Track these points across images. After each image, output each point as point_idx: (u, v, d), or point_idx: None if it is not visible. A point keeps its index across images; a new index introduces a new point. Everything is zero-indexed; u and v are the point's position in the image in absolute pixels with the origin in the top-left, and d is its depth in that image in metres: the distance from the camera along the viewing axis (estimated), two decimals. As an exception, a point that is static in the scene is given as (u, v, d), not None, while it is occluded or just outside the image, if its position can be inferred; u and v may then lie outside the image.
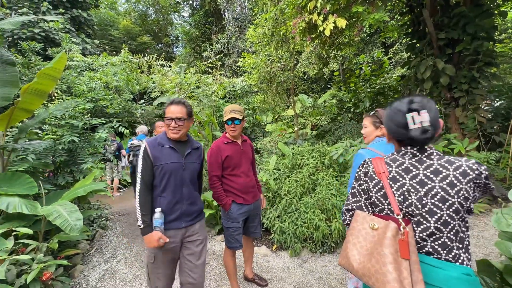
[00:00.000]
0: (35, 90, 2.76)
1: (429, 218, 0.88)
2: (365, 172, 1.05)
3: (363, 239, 0.95)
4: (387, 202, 0.96)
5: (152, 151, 1.59)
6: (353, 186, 1.09)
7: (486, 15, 4.01)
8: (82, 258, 2.89)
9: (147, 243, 1.52)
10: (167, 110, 1.62)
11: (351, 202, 1.08)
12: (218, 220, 3.47)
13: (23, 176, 2.40)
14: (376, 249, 0.89)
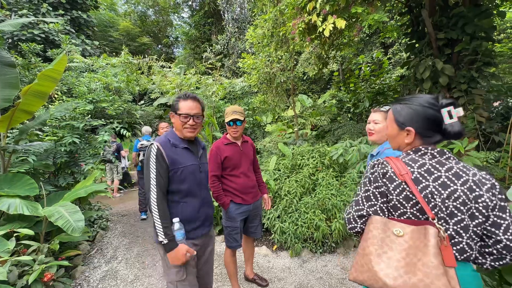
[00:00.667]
0: (36, 91, 2.77)
1: (449, 220, 0.85)
2: (383, 173, 0.94)
3: (390, 248, 0.83)
4: (409, 205, 0.88)
5: (167, 152, 1.38)
6: (366, 189, 0.97)
7: (484, 15, 4.03)
8: (83, 259, 2.90)
9: (174, 260, 1.30)
10: (183, 105, 1.44)
11: (365, 207, 0.95)
12: (219, 221, 3.47)
13: (24, 177, 2.41)
14: (417, 260, 0.78)
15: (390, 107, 1.55)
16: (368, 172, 1.00)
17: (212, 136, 4.05)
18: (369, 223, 0.92)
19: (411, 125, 0.95)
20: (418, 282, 0.75)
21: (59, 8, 12.15)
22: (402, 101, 1.04)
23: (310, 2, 3.54)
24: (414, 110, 0.96)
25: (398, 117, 1.00)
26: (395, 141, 1.03)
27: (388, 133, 1.06)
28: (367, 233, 0.90)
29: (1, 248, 1.56)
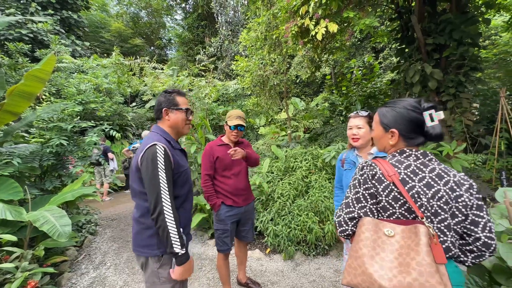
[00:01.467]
0: (22, 92, 2.68)
1: (434, 219, 0.87)
2: (372, 174, 0.95)
3: (382, 249, 0.84)
4: (398, 205, 0.90)
5: (172, 154, 1.26)
6: (356, 191, 0.97)
7: (471, 22, 4.16)
8: (70, 265, 2.80)
9: (184, 274, 1.19)
10: (182, 101, 1.35)
11: (356, 208, 0.95)
12: (211, 224, 3.43)
13: (8, 180, 2.32)
14: (410, 259, 0.79)
15: (369, 112, 1.58)
16: (357, 174, 1.00)
17: (204, 139, 4.01)
18: (360, 225, 0.92)
19: (395, 127, 0.98)
20: (413, 281, 0.75)
21: (48, 7, 11.91)
22: (387, 104, 1.06)
23: (303, 6, 3.58)
24: (398, 113, 0.99)
25: (383, 119, 1.03)
26: (380, 143, 1.06)
27: (374, 135, 1.09)
28: (358, 235, 0.90)
29: None
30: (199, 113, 4.37)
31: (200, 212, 3.39)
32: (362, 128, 1.58)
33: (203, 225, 3.51)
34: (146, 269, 1.25)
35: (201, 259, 2.85)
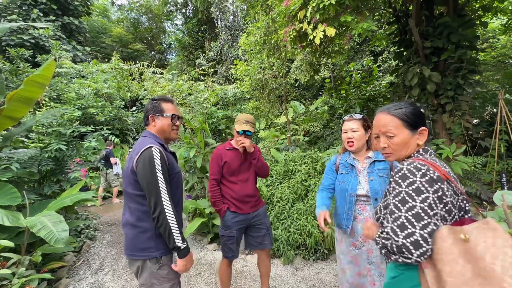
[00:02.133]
0: (22, 97, 2.69)
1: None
2: (437, 175, 0.84)
3: (474, 260, 0.72)
4: (457, 206, 0.86)
5: (167, 156, 1.32)
6: (424, 197, 0.80)
7: (468, 25, 4.19)
8: (68, 271, 2.78)
9: (184, 268, 1.24)
10: (168, 107, 1.39)
11: (432, 220, 0.78)
12: (210, 229, 3.41)
13: (6, 186, 2.31)
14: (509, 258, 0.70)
15: (363, 114, 1.58)
16: (413, 178, 0.84)
17: (204, 143, 4.02)
18: (442, 237, 0.75)
19: (423, 126, 0.96)
20: None
21: (50, 14, 12.05)
22: (393, 108, 1.00)
23: (301, 11, 3.61)
24: (418, 111, 0.97)
25: (409, 119, 0.95)
26: (407, 148, 0.96)
27: (399, 140, 0.96)
28: (449, 250, 0.73)
29: None
30: (198, 117, 4.38)
31: (199, 217, 3.37)
32: (357, 131, 1.57)
33: (202, 230, 3.49)
34: (142, 272, 1.25)
35: (200, 264, 2.83)
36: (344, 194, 1.57)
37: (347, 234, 1.57)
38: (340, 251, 1.64)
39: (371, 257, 1.51)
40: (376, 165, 1.54)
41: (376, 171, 1.52)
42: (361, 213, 1.54)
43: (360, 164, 1.60)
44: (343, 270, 1.61)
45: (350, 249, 1.57)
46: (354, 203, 1.54)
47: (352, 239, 1.56)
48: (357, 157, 1.62)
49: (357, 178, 1.55)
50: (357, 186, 1.53)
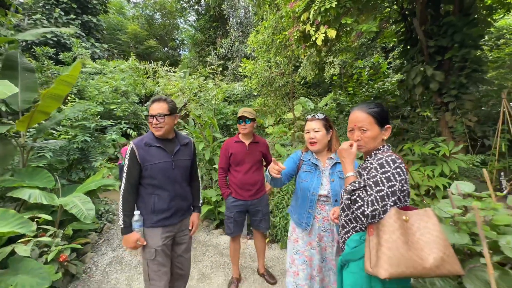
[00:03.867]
0: (53, 94, 3.07)
1: None
2: (404, 167, 1.05)
3: (409, 235, 0.94)
4: (407, 194, 1.08)
5: (139, 151, 1.56)
6: (391, 185, 1.00)
7: (472, 25, 4.22)
8: (92, 247, 3.18)
9: (124, 243, 1.55)
10: (150, 108, 1.62)
11: (389, 201, 0.99)
12: (216, 216, 3.72)
13: (42, 171, 2.70)
14: (435, 238, 0.91)
15: (325, 115, 1.65)
16: (390, 167, 1.03)
17: (212, 137, 4.32)
18: (389, 215, 0.97)
19: (388, 123, 1.17)
20: (443, 255, 0.87)
21: (70, 12, 12.63)
22: (368, 107, 1.19)
23: (305, 13, 3.79)
24: (385, 110, 1.16)
25: (378, 116, 1.14)
26: (375, 141, 1.15)
27: (371, 135, 1.14)
28: (390, 224, 0.95)
29: (27, 229, 1.84)
30: (208, 113, 4.67)
31: (206, 205, 3.69)
32: (319, 131, 1.57)
33: (209, 217, 3.82)
34: None
35: (206, 246, 3.15)
36: (306, 193, 1.59)
37: (306, 232, 1.60)
38: (295, 250, 1.65)
39: (324, 254, 1.59)
40: (338, 166, 1.57)
41: (337, 173, 1.56)
42: (320, 212, 1.58)
43: (322, 164, 1.62)
44: (296, 273, 1.62)
45: (306, 247, 1.61)
46: (315, 203, 1.56)
47: (309, 239, 1.61)
48: (319, 157, 1.63)
49: (320, 178, 1.58)
50: (319, 187, 1.56)
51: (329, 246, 1.58)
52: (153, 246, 1.59)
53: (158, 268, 1.61)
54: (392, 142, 5.65)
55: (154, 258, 1.59)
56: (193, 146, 1.85)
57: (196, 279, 2.50)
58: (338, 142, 1.66)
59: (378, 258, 0.92)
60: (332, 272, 1.58)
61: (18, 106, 3.19)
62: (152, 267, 1.60)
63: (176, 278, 1.77)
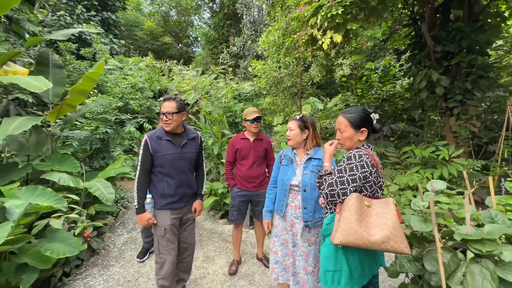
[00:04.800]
0: (79, 90, 3.40)
1: None
2: (369, 161, 1.25)
3: (365, 216, 1.14)
4: (378, 186, 1.28)
5: (151, 143, 1.80)
6: (353, 173, 1.22)
7: (480, 31, 4.25)
8: (109, 228, 3.52)
9: (138, 221, 1.83)
10: (161, 105, 1.82)
11: (349, 186, 1.20)
12: (222, 207, 3.99)
13: (69, 158, 3.05)
14: (387, 220, 1.12)
15: (302, 116, 1.82)
16: (353, 160, 1.25)
17: (221, 133, 4.58)
18: (350, 198, 1.18)
19: (364, 127, 1.36)
20: (390, 234, 1.10)
21: (91, 9, 13.17)
22: (347, 112, 1.43)
23: (313, 18, 3.97)
24: (362, 116, 1.37)
25: (354, 122, 1.36)
26: (351, 141, 1.37)
27: (346, 135, 1.37)
28: (349, 206, 1.16)
29: (61, 205, 2.15)
30: (218, 110, 4.94)
31: (213, 196, 3.97)
32: (293, 130, 1.79)
33: (215, 207, 4.09)
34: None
35: (212, 233, 3.43)
36: (282, 183, 1.82)
37: (282, 218, 1.83)
38: (276, 234, 1.89)
39: (295, 240, 1.78)
40: (312, 161, 1.76)
41: (310, 166, 1.75)
42: (293, 201, 1.77)
43: (299, 158, 1.82)
44: (276, 252, 1.87)
45: (283, 232, 1.84)
46: (288, 191, 1.78)
47: (285, 224, 1.83)
48: (297, 152, 1.85)
49: (294, 170, 1.79)
50: (292, 177, 1.77)
51: (299, 232, 1.75)
52: (162, 225, 1.85)
53: (167, 244, 1.86)
54: (397, 144, 5.74)
55: (163, 235, 1.85)
56: (200, 140, 2.07)
57: (201, 260, 2.77)
58: (318, 140, 1.86)
59: (336, 229, 1.16)
60: (302, 259, 1.75)
61: (49, 99, 3.55)
62: (162, 243, 1.86)
63: (183, 251, 2.04)
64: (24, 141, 2.96)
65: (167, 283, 1.87)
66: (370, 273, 1.29)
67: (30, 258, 1.87)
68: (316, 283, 1.71)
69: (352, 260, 1.23)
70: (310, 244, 1.74)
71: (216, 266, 2.67)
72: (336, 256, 1.24)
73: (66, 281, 2.35)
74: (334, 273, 1.25)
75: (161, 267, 1.85)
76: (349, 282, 1.22)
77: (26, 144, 2.94)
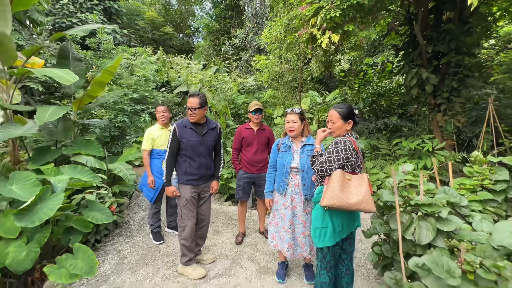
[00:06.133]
0: (99, 81, 3.73)
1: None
2: (351, 146, 1.62)
3: (345, 186, 1.53)
4: (357, 164, 1.66)
5: (178, 130, 2.20)
6: (338, 154, 1.60)
7: (469, 33, 4.59)
8: (126, 207, 3.93)
9: (167, 192, 2.27)
10: (188, 101, 2.18)
11: (335, 164, 1.59)
12: (227, 190, 4.41)
13: (94, 143, 3.42)
14: (361, 190, 1.52)
15: (301, 109, 2.22)
16: (339, 145, 1.63)
17: (225, 124, 4.95)
18: (335, 173, 1.57)
19: (352, 119, 1.75)
20: (363, 198, 1.49)
21: (94, -2, 13.18)
22: (338, 107, 1.82)
23: (313, 18, 4.27)
24: (349, 111, 1.76)
25: (343, 115, 1.74)
26: (340, 130, 1.74)
27: (336, 125, 1.74)
28: (334, 179, 1.55)
29: (97, 180, 2.55)
30: (222, 102, 5.29)
31: (218, 180, 4.38)
32: (296, 122, 2.10)
33: (220, 191, 4.51)
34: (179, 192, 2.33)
35: (218, 213, 3.86)
36: (282, 167, 2.15)
37: (282, 195, 2.17)
38: (276, 209, 2.26)
39: (295, 211, 2.14)
40: (306, 147, 2.12)
41: (305, 151, 2.10)
42: (292, 180, 2.13)
43: (295, 145, 2.17)
44: (276, 223, 2.25)
45: (281, 207, 2.19)
46: (288, 173, 2.12)
47: (284, 200, 2.17)
48: (294, 140, 2.18)
49: (292, 155, 2.13)
50: (291, 161, 2.12)
51: (298, 205, 2.13)
52: (184, 196, 2.27)
53: (188, 212, 2.28)
54: (389, 137, 6.15)
55: (185, 204, 2.27)
56: (219, 130, 2.44)
57: (211, 233, 3.19)
58: (309, 129, 2.25)
59: (323, 196, 1.56)
60: (301, 226, 2.14)
61: (71, 89, 3.90)
62: (184, 211, 2.28)
63: (200, 221, 2.45)
64: (52, 128, 3.32)
65: (187, 243, 2.30)
66: (348, 230, 1.70)
67: (75, 223, 2.27)
68: (311, 243, 2.13)
69: (335, 220, 1.64)
70: (308, 213, 2.15)
71: (224, 237, 3.11)
72: (323, 217, 1.65)
73: (98, 246, 2.78)
74: (321, 230, 1.66)
75: (183, 230, 2.27)
76: (332, 235, 1.64)
77: (55, 130, 3.30)
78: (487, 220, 1.56)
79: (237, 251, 2.80)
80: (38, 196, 2.00)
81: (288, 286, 2.23)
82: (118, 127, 3.95)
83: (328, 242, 1.63)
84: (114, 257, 2.65)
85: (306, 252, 2.14)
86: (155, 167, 2.88)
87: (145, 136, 2.87)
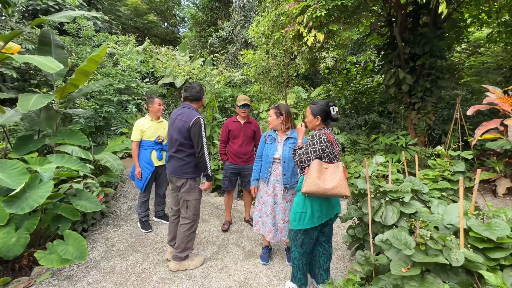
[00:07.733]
0: (83, 70, 3.66)
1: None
2: (326, 138, 1.80)
3: (323, 174, 1.71)
4: (333, 154, 1.83)
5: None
6: (314, 147, 1.77)
7: (441, 38, 4.94)
8: (112, 197, 3.94)
9: (206, 187, 2.35)
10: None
11: (312, 156, 1.76)
12: (213, 182, 4.52)
13: (78, 133, 3.38)
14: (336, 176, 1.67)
15: (277, 105, 2.36)
16: (315, 138, 1.79)
17: (212, 117, 5.02)
18: (313, 163, 1.74)
19: (319, 115, 1.92)
20: (338, 184, 1.64)
21: (71, -20, 12.43)
22: (313, 104, 1.99)
23: (300, 16, 4.41)
24: (320, 107, 1.94)
25: (313, 111, 1.94)
26: (311, 124, 1.94)
27: (308, 119, 1.94)
28: (312, 168, 1.72)
29: (85, 170, 2.56)
30: (209, 95, 5.34)
31: (205, 172, 4.48)
32: (271, 116, 2.33)
33: (207, 182, 4.61)
34: (184, 185, 2.28)
35: (205, 203, 3.97)
36: (266, 157, 2.34)
37: (265, 183, 2.35)
38: (260, 196, 2.43)
39: (276, 199, 2.32)
40: (289, 140, 2.28)
41: (288, 144, 2.27)
42: (275, 170, 2.31)
43: (280, 138, 2.35)
44: (260, 209, 2.42)
45: (264, 194, 2.38)
46: (271, 163, 2.31)
47: (267, 188, 2.35)
48: (278, 133, 2.36)
49: (276, 147, 2.32)
50: (274, 152, 2.30)
51: (280, 193, 2.30)
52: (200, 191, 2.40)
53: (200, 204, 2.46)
54: (368, 133, 6.50)
55: (200, 198, 2.42)
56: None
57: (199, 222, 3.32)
58: (292, 123, 2.38)
59: (304, 184, 1.73)
60: (281, 213, 2.31)
61: (53, 78, 3.79)
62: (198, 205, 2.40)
63: None
64: (35, 117, 3.25)
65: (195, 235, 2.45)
66: (327, 216, 1.89)
67: (63, 212, 2.30)
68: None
69: (314, 205, 1.83)
70: (287, 201, 2.33)
71: (211, 226, 3.24)
72: (304, 202, 1.83)
73: (86, 235, 2.81)
74: (300, 214, 1.84)
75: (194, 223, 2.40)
76: (311, 219, 1.82)
77: (37, 119, 3.23)
78: (443, 204, 1.81)
79: (223, 238, 2.95)
80: (27, 184, 2.02)
81: (271, 267, 2.41)
82: (103, 118, 3.90)
83: (307, 225, 1.82)
84: (103, 245, 2.71)
85: (285, 237, 2.34)
86: (144, 157, 2.93)
87: (134, 127, 2.90)
